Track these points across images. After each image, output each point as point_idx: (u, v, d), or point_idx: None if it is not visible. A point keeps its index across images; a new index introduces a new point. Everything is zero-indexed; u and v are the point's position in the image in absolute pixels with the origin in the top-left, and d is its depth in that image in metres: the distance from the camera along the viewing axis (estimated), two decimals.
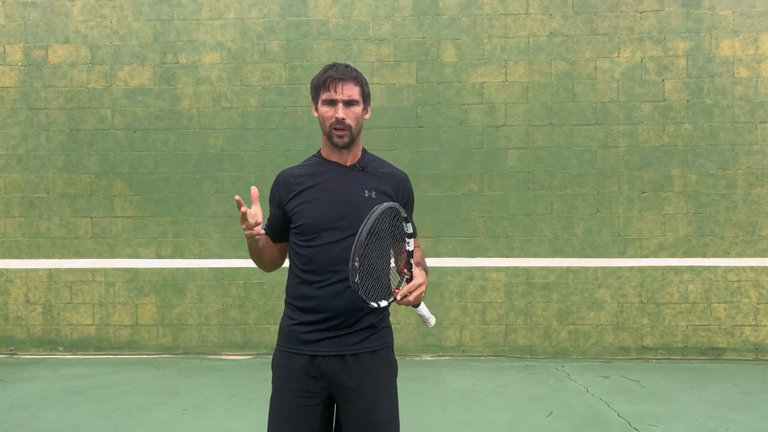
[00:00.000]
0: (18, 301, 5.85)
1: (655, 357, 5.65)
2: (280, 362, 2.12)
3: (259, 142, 5.77)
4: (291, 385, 2.05)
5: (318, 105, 2.07)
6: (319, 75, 2.06)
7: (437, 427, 4.06)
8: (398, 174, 2.17)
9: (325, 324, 2.01)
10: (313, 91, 2.10)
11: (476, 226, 5.70)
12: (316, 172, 2.09)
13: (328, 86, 2.02)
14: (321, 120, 2.06)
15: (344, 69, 2.03)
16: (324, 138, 2.10)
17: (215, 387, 4.89)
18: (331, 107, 2.02)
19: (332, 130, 2.02)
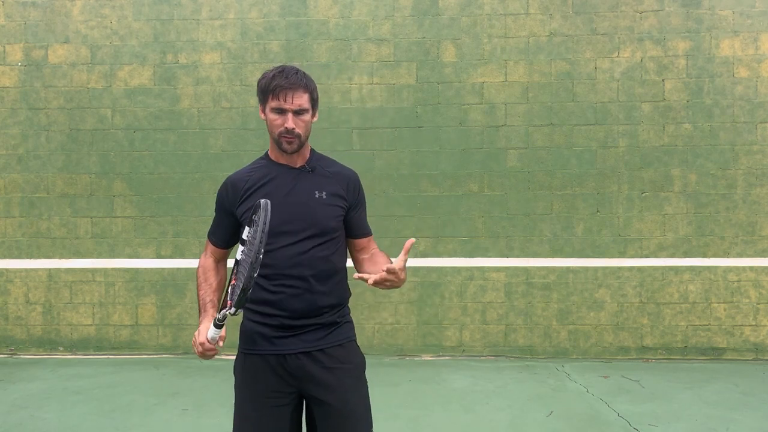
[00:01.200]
0: (18, 301, 5.85)
1: (655, 357, 5.65)
2: (245, 365, 2.10)
3: (259, 142, 5.76)
4: (258, 387, 2.04)
5: (266, 110, 2.06)
6: (268, 80, 2.03)
7: (437, 427, 4.06)
8: (347, 173, 2.18)
9: (289, 322, 2.03)
10: (260, 94, 2.07)
11: (476, 226, 5.70)
12: (265, 174, 2.10)
13: (277, 95, 2.00)
14: (269, 125, 2.05)
15: (294, 77, 2.00)
16: (271, 140, 2.10)
17: (215, 387, 4.89)
18: (280, 116, 2.02)
19: (281, 138, 2.03)
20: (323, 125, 5.72)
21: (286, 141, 2.02)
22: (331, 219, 2.08)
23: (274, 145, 2.10)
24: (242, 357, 2.13)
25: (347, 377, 2.06)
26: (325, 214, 2.06)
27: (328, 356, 2.05)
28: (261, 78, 2.07)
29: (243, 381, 2.09)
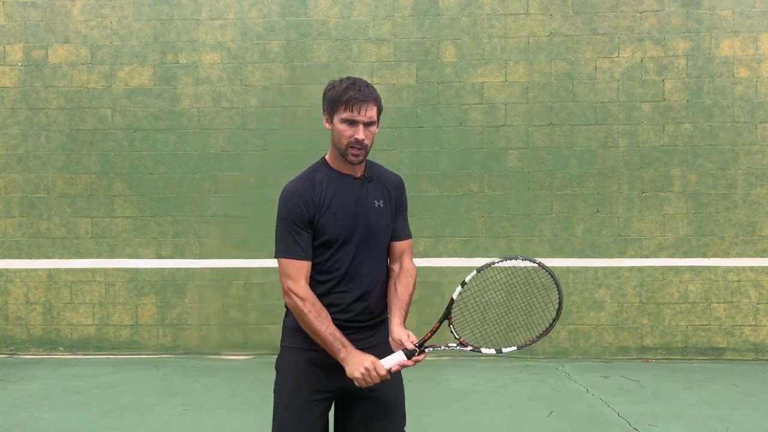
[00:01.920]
0: (18, 301, 5.85)
1: (655, 357, 5.65)
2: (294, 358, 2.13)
3: (259, 142, 5.77)
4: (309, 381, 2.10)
5: (334, 120, 2.08)
6: (339, 91, 2.05)
7: (437, 427, 4.06)
8: (397, 180, 2.30)
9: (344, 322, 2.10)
10: (329, 104, 2.09)
11: (476, 226, 5.70)
12: (330, 185, 2.13)
13: (351, 106, 2.03)
14: (337, 136, 2.08)
15: (366, 90, 2.05)
16: (334, 149, 2.13)
17: (215, 387, 4.89)
18: (350, 127, 2.06)
19: (348, 149, 2.07)
20: (323, 125, 5.71)
21: (354, 152, 2.07)
22: (386, 227, 2.20)
23: (336, 154, 2.13)
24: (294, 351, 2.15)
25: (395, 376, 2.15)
26: (383, 222, 2.18)
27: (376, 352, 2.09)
28: (329, 88, 2.09)
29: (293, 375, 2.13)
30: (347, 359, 1.97)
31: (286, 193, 2.14)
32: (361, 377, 1.93)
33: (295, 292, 2.04)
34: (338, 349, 1.98)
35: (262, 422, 4.17)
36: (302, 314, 2.03)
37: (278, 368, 2.18)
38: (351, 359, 1.96)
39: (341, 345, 1.99)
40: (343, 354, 1.98)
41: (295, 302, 2.04)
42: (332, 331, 2.01)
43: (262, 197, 5.75)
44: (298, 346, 2.13)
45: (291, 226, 2.10)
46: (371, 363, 1.94)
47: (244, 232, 5.76)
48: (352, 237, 2.10)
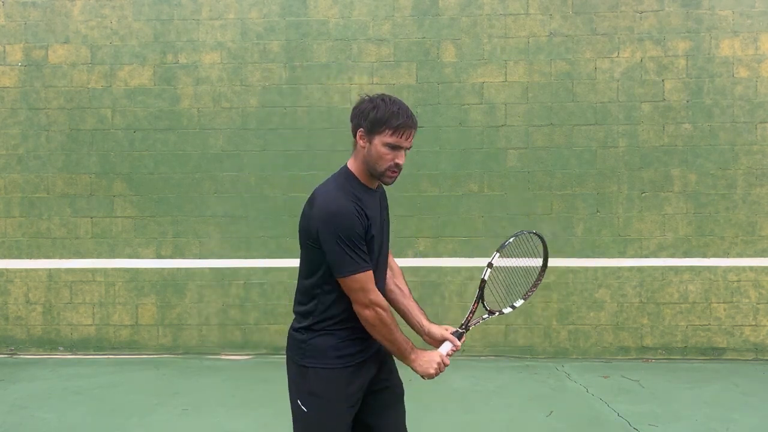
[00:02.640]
0: (18, 301, 5.85)
1: (655, 357, 5.65)
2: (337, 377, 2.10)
3: (259, 142, 5.77)
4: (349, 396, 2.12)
5: (375, 140, 2.06)
6: (387, 114, 2.03)
7: (437, 427, 4.06)
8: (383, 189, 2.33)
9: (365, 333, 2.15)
10: (370, 124, 2.06)
11: (476, 226, 5.70)
12: (364, 199, 2.11)
13: (401, 132, 2.04)
14: (375, 156, 2.07)
15: (413, 116, 2.09)
16: (363, 165, 2.11)
17: (215, 387, 4.89)
18: (392, 151, 2.06)
19: (387, 171, 2.08)
20: (323, 125, 5.72)
21: (390, 175, 2.09)
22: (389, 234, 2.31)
23: (365, 170, 2.11)
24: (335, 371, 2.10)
25: (393, 363, 2.30)
26: (388, 233, 2.29)
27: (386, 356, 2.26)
28: (371, 107, 2.06)
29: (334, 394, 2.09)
30: (417, 360, 2.12)
31: (339, 211, 2.01)
32: (436, 373, 2.14)
33: (379, 303, 2.06)
34: (409, 353, 2.12)
35: (262, 422, 4.17)
36: (386, 324, 2.07)
37: (313, 391, 2.09)
38: (421, 359, 2.12)
39: (411, 348, 2.12)
40: (413, 356, 2.12)
41: (380, 315, 2.05)
42: (404, 336, 2.13)
43: (262, 197, 5.75)
44: (332, 366, 2.09)
45: (353, 242, 2.01)
46: (439, 357, 2.14)
47: (244, 232, 5.76)
48: (380, 252, 2.18)
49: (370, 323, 2.05)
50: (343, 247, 1.99)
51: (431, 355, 2.13)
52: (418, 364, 2.11)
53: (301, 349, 2.13)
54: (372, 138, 2.06)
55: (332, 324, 2.10)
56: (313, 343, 2.11)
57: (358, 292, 2.02)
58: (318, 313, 2.11)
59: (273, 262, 5.74)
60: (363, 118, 2.08)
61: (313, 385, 2.09)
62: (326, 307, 2.10)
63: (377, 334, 2.08)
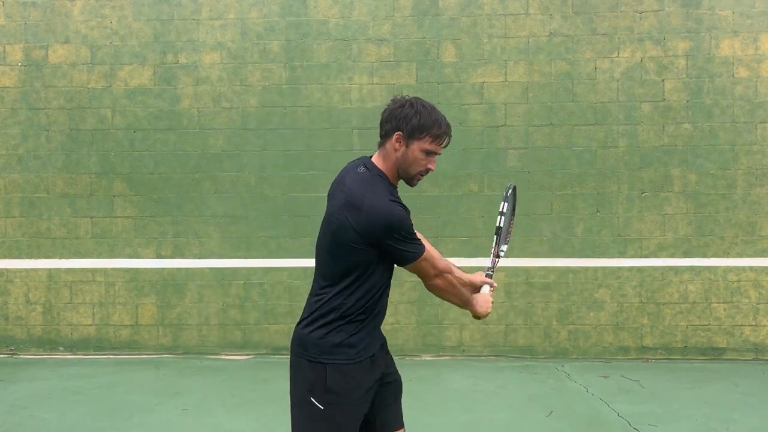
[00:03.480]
0: (18, 301, 5.85)
1: (655, 357, 5.65)
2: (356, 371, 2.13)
3: (259, 142, 5.77)
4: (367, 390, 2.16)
5: (413, 145, 2.11)
6: (430, 122, 2.09)
7: (437, 427, 4.06)
8: None
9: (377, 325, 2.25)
10: (412, 129, 2.09)
11: (476, 226, 5.70)
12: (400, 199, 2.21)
13: (441, 141, 2.12)
14: (410, 160, 2.13)
15: (449, 125, 2.16)
16: (393, 166, 2.16)
17: (215, 387, 4.89)
18: (427, 157, 2.14)
19: (417, 175, 2.17)
20: (323, 125, 5.72)
21: (419, 179, 2.20)
22: None
23: (394, 171, 2.17)
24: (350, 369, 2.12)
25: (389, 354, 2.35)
26: None
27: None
28: (413, 112, 2.09)
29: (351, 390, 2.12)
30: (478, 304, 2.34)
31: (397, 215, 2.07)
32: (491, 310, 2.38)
33: (443, 268, 2.21)
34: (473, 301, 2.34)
35: (262, 422, 4.17)
36: (454, 285, 2.24)
37: (331, 388, 2.10)
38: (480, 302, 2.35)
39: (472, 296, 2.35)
40: (474, 301, 2.34)
41: (448, 279, 2.22)
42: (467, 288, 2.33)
43: (262, 197, 5.75)
44: (352, 360, 2.11)
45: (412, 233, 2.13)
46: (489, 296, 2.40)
47: (244, 232, 5.76)
48: None
49: (443, 289, 2.22)
50: (405, 240, 2.10)
51: (484, 296, 2.37)
52: (479, 306, 2.33)
53: (317, 346, 2.13)
54: (410, 142, 2.10)
55: (347, 318, 2.13)
56: (331, 339, 2.12)
57: (427, 269, 2.17)
58: (337, 309, 2.13)
59: (273, 262, 5.74)
60: (405, 122, 2.09)
61: (331, 382, 2.09)
62: (348, 302, 2.13)
63: (450, 296, 2.25)
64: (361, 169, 2.17)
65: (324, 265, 2.18)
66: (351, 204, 2.07)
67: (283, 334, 5.66)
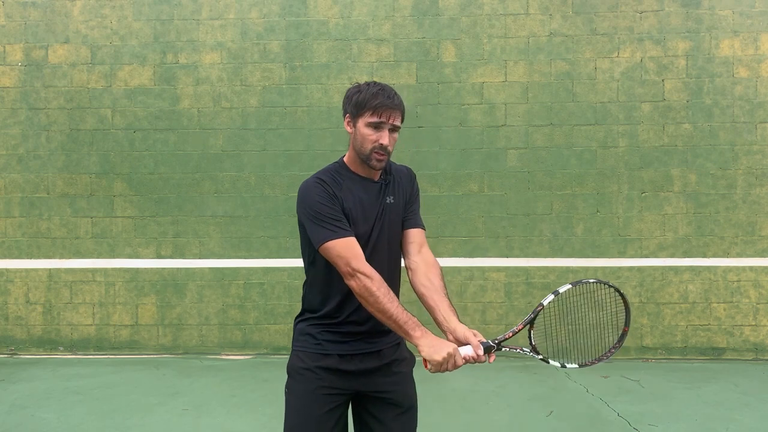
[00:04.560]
0: (18, 301, 5.85)
1: (654, 357, 5.65)
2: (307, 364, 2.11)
3: (259, 142, 5.77)
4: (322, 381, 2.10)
5: (358, 123, 2.07)
6: (368, 96, 2.04)
7: (437, 427, 4.06)
8: (407, 172, 2.32)
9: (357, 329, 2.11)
10: (352, 107, 2.08)
11: (476, 226, 5.70)
12: (350, 187, 2.10)
13: (379, 112, 2.04)
14: (360, 139, 2.06)
15: (396, 98, 2.07)
16: (354, 153, 2.11)
17: (215, 387, 4.89)
18: (376, 131, 2.05)
19: (373, 153, 2.05)
20: (323, 125, 5.72)
21: (377, 157, 2.06)
22: (398, 222, 2.19)
23: (356, 157, 2.11)
24: (306, 357, 2.11)
25: (403, 372, 2.22)
26: (396, 218, 2.18)
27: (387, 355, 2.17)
28: (355, 91, 2.08)
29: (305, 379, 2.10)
30: (424, 340, 1.87)
31: (308, 187, 2.05)
32: (442, 361, 1.83)
33: (361, 270, 1.93)
34: (413, 329, 1.89)
35: (262, 422, 4.17)
36: (371, 295, 1.91)
37: (290, 372, 2.15)
38: (430, 341, 1.86)
39: (416, 325, 1.91)
40: (418, 333, 1.89)
41: (363, 283, 1.92)
42: (404, 311, 1.93)
43: (262, 197, 5.75)
44: (311, 350, 2.11)
45: (320, 213, 2.00)
46: (453, 349, 1.85)
47: (244, 232, 5.76)
48: (369, 241, 2.09)
49: (357, 293, 1.95)
50: (310, 218, 2.01)
51: (445, 343, 1.86)
52: (424, 344, 1.86)
53: (293, 334, 2.21)
54: (356, 121, 2.08)
55: (314, 313, 2.15)
56: (299, 327, 2.18)
57: (337, 260, 1.96)
58: (306, 300, 2.19)
59: (273, 262, 5.75)
60: (348, 103, 2.11)
61: (290, 366, 2.15)
62: (309, 295, 2.17)
63: (368, 306, 1.94)
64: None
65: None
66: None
67: (283, 334, 5.66)
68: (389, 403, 2.16)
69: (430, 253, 2.23)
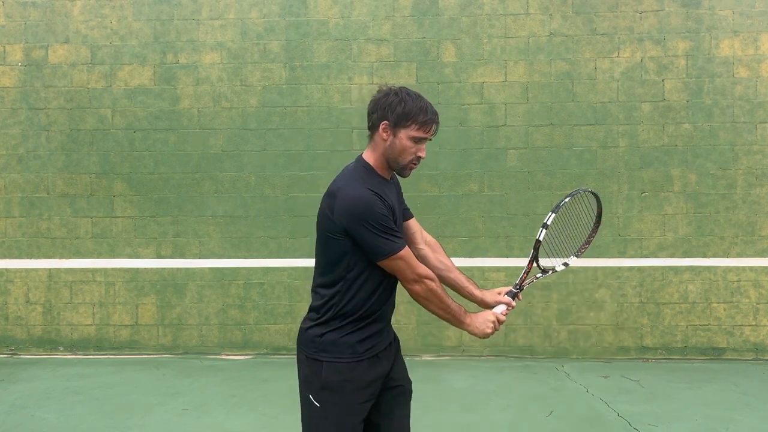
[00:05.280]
0: (18, 301, 5.85)
1: (654, 357, 5.65)
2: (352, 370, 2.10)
3: (259, 142, 5.77)
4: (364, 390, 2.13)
5: (400, 133, 2.10)
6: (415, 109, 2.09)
7: (437, 427, 4.06)
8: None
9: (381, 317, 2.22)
10: (396, 117, 2.08)
11: (476, 226, 5.70)
12: (383, 190, 2.14)
13: (427, 127, 2.11)
14: (399, 150, 2.11)
15: (436, 111, 2.18)
16: (382, 157, 2.14)
17: (215, 387, 4.89)
18: (416, 144, 2.13)
19: (410, 164, 2.15)
20: (323, 125, 5.72)
21: (411, 168, 2.17)
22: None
23: (384, 162, 2.15)
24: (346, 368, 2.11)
25: (404, 361, 2.37)
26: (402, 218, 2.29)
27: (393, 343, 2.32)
28: (397, 100, 2.10)
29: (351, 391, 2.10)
30: (473, 323, 2.17)
31: (367, 200, 2.04)
32: (492, 331, 2.19)
33: (426, 274, 2.11)
34: (464, 317, 2.17)
35: (262, 422, 4.17)
36: (436, 295, 2.13)
37: (323, 385, 2.10)
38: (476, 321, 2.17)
39: (465, 313, 2.18)
40: (468, 320, 2.18)
41: (429, 286, 2.11)
42: (454, 301, 2.17)
43: (262, 197, 5.75)
44: (347, 359, 2.10)
45: (382, 224, 2.04)
46: (494, 315, 2.20)
47: (244, 232, 5.77)
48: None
49: (423, 296, 2.12)
50: (375, 231, 2.03)
51: (485, 314, 2.20)
52: (474, 326, 2.17)
53: (314, 343, 2.13)
54: (397, 131, 2.10)
55: (348, 318, 2.12)
56: (328, 337, 2.12)
57: (404, 270, 2.09)
58: (334, 308, 2.12)
59: (273, 262, 5.75)
60: (390, 111, 2.09)
61: (326, 379, 2.09)
62: (344, 301, 2.12)
63: (432, 306, 2.14)
64: (350, 164, 2.20)
65: (317, 262, 2.20)
66: (330, 192, 2.12)
67: (283, 334, 5.66)
68: (400, 390, 2.28)
69: (429, 236, 2.46)
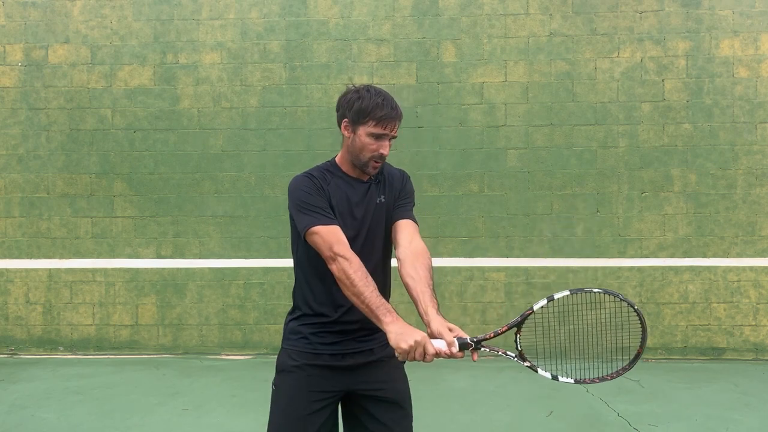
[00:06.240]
0: (18, 301, 5.85)
1: (654, 357, 5.65)
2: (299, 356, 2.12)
3: (259, 142, 5.77)
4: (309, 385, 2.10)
5: (358, 131, 2.07)
6: (371, 105, 2.04)
7: (437, 427, 4.06)
8: (399, 174, 2.31)
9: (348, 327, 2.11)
10: (353, 114, 2.07)
11: (476, 226, 5.70)
12: (340, 186, 2.13)
13: (384, 123, 2.05)
14: (359, 147, 2.08)
15: (398, 108, 2.10)
16: (348, 155, 2.13)
17: (215, 387, 4.89)
18: (376, 141, 2.07)
19: (371, 161, 2.09)
20: (323, 125, 5.72)
21: (374, 165, 2.10)
22: (385, 220, 2.20)
23: (349, 160, 2.13)
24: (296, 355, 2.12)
25: (394, 369, 2.19)
26: (382, 216, 2.19)
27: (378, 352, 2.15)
28: (355, 98, 2.07)
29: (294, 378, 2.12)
30: (393, 326, 1.82)
31: (296, 180, 2.11)
32: (408, 349, 1.76)
33: (342, 253, 1.92)
34: (383, 315, 1.85)
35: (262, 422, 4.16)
36: (348, 278, 1.90)
37: (279, 369, 2.16)
38: (398, 328, 1.81)
39: (387, 311, 1.86)
40: (389, 319, 1.84)
41: (342, 265, 1.91)
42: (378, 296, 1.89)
43: (262, 197, 5.75)
44: (301, 349, 2.11)
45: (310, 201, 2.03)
46: (422, 338, 1.78)
47: (244, 232, 5.76)
48: (357, 240, 2.10)
49: (337, 277, 1.94)
50: (296, 207, 2.05)
51: (416, 333, 1.79)
52: (392, 330, 1.80)
53: (283, 332, 2.21)
54: (356, 128, 2.08)
55: (305, 312, 2.15)
56: (290, 325, 2.19)
57: (320, 246, 1.98)
58: (295, 294, 2.20)
59: (273, 262, 5.74)
60: (348, 108, 2.10)
61: (280, 363, 2.16)
62: (301, 294, 2.17)
63: (345, 289, 1.93)
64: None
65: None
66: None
67: None
68: (381, 399, 2.15)
69: (421, 243, 2.19)
